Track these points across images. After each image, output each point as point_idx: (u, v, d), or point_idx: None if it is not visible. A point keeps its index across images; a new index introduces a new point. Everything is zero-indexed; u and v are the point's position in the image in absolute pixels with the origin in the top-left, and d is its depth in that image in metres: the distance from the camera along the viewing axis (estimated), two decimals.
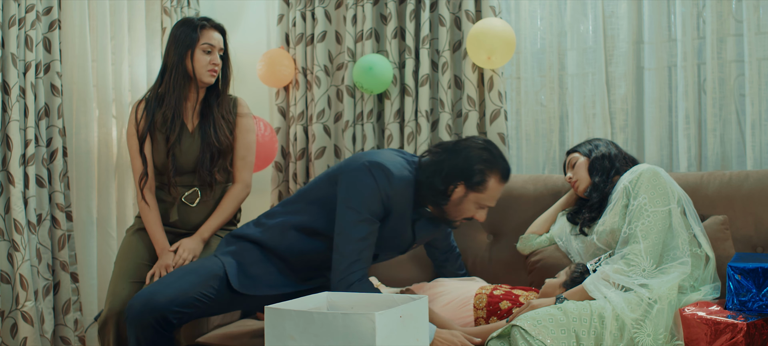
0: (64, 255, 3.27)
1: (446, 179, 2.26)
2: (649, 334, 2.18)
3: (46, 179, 3.24)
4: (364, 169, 2.29)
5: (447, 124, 3.39)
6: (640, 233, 2.32)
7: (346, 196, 2.30)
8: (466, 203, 2.29)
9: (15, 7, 3.10)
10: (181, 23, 2.78)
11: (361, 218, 2.26)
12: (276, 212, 2.58)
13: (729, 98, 3.06)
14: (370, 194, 2.26)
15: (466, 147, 2.30)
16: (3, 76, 3.10)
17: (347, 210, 2.28)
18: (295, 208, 2.51)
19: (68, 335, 3.29)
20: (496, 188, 2.28)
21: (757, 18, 2.96)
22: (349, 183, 2.30)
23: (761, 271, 2.09)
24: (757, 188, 2.66)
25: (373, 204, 2.27)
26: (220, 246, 2.60)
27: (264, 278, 2.48)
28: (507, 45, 3.21)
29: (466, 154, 2.27)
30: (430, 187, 2.28)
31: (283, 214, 2.53)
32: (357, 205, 2.26)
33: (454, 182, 2.26)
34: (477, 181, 2.25)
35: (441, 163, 2.29)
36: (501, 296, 2.53)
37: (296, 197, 2.55)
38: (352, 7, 3.57)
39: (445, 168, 2.28)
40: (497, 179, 2.28)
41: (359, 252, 2.26)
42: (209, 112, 2.78)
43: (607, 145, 2.66)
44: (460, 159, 2.27)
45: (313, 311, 1.71)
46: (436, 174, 2.29)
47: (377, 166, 2.28)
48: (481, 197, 2.27)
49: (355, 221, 2.26)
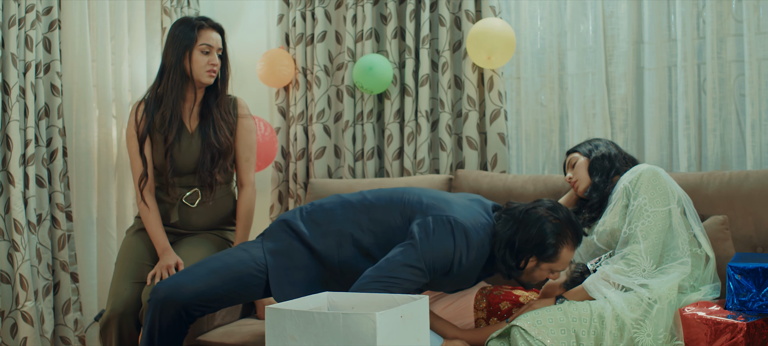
0: (64, 255, 3.27)
1: (519, 255, 2.24)
2: (649, 334, 2.18)
3: (46, 179, 3.24)
4: (447, 224, 2.21)
5: (447, 125, 3.39)
6: (640, 233, 2.32)
7: (418, 238, 2.20)
8: (539, 271, 2.27)
9: (15, 7, 3.09)
10: (179, 23, 2.77)
11: (418, 265, 2.19)
12: (334, 212, 2.43)
13: (729, 98, 3.06)
14: (442, 254, 2.20)
15: (538, 219, 2.24)
16: (3, 76, 3.10)
17: (411, 248, 2.19)
18: (357, 220, 2.39)
19: (68, 335, 3.29)
20: (568, 255, 2.26)
21: (757, 18, 2.96)
22: (426, 228, 2.21)
23: (761, 271, 2.09)
24: (757, 188, 2.66)
25: (439, 263, 2.21)
26: (269, 234, 2.49)
27: (304, 287, 2.38)
28: (507, 45, 3.21)
29: (539, 228, 2.22)
30: (503, 261, 2.26)
31: (344, 221, 2.40)
32: (423, 253, 2.19)
33: (527, 257, 2.24)
34: (550, 254, 2.22)
35: (513, 237, 2.25)
36: (501, 296, 2.53)
37: (360, 206, 2.41)
38: (352, 7, 3.57)
39: (518, 243, 2.24)
40: (569, 247, 2.25)
41: (395, 281, 2.17)
42: (208, 113, 2.77)
43: (607, 146, 2.66)
44: (533, 233, 2.22)
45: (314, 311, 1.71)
46: (508, 250, 2.25)
47: (461, 229, 2.21)
48: (554, 266, 2.26)
49: (412, 262, 2.18)
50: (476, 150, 3.36)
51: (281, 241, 2.45)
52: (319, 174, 3.67)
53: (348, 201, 2.46)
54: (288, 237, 2.45)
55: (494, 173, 3.18)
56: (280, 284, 2.38)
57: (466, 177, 3.17)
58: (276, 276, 2.38)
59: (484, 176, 3.15)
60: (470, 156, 3.36)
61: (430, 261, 2.19)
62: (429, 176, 3.29)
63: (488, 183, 3.10)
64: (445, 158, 3.41)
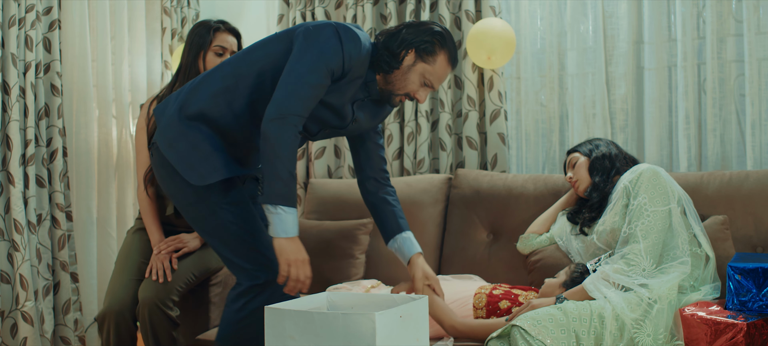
0: (64, 255, 3.27)
1: (401, 44, 2.25)
2: (649, 334, 2.18)
3: (46, 179, 3.24)
4: (330, 29, 2.17)
5: (447, 124, 3.40)
6: (640, 233, 2.32)
7: (304, 47, 2.14)
8: (413, 73, 2.27)
9: (15, 7, 3.10)
10: (198, 25, 2.83)
11: (316, 66, 2.12)
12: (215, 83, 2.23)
13: (729, 98, 3.06)
14: (333, 53, 2.14)
15: (425, 23, 2.31)
16: (3, 76, 3.10)
17: (305, 54, 2.13)
18: (240, 72, 2.22)
19: (68, 335, 3.29)
20: (444, 67, 2.28)
21: (757, 18, 2.96)
22: (310, 38, 2.16)
23: (761, 271, 2.09)
24: (757, 188, 2.66)
25: (333, 62, 2.15)
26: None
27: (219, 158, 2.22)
28: (507, 45, 3.21)
29: (424, 28, 2.27)
30: (385, 48, 2.26)
31: (228, 80, 2.22)
32: (316, 55, 2.13)
33: (407, 48, 2.26)
34: (429, 51, 2.25)
35: (399, 30, 2.28)
36: (500, 295, 2.53)
37: (236, 61, 2.25)
38: (352, 7, 3.57)
39: (401, 34, 2.27)
40: (447, 59, 2.28)
41: (304, 95, 2.10)
42: None
43: (607, 145, 2.66)
44: (420, 28, 2.27)
45: (313, 311, 1.71)
46: (392, 38, 2.27)
47: (345, 29, 2.18)
48: (428, 70, 2.26)
49: (310, 68, 2.12)
50: (476, 150, 3.37)
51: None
52: (319, 174, 3.67)
53: (220, 65, 2.30)
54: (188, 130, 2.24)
55: (494, 173, 3.18)
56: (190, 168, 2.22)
57: (466, 177, 3.18)
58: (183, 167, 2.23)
59: (484, 176, 3.15)
60: (470, 156, 3.37)
61: (324, 61, 2.13)
62: (429, 175, 3.29)
63: (488, 183, 3.11)
64: (445, 158, 3.41)
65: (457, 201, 3.14)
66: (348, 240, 3.11)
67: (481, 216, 3.07)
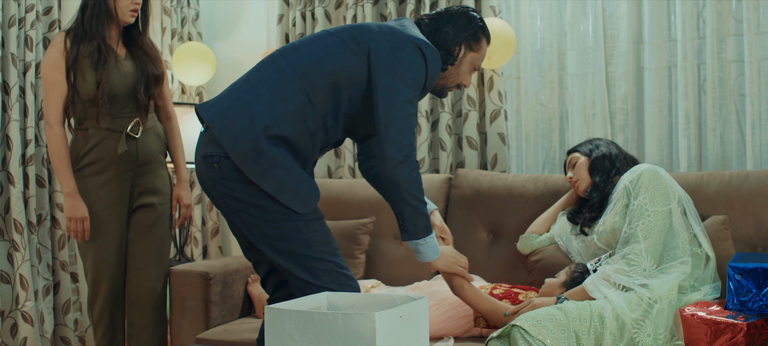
0: (64, 255, 3.27)
1: (452, 41, 2.30)
2: (649, 334, 2.18)
3: (46, 179, 3.24)
4: (412, 44, 2.17)
5: (447, 125, 3.40)
6: (640, 233, 2.33)
7: (394, 71, 2.14)
8: (464, 64, 2.34)
9: (15, 7, 3.10)
10: None
11: (414, 94, 2.17)
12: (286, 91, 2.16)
13: (729, 98, 3.06)
14: (420, 74, 2.18)
15: (456, 12, 2.34)
16: (3, 76, 3.10)
17: (400, 83, 2.13)
18: (312, 85, 2.15)
19: (68, 335, 3.29)
20: (486, 48, 2.38)
21: (757, 18, 2.96)
22: (397, 56, 2.15)
23: (761, 271, 2.09)
24: (757, 188, 2.66)
25: (421, 81, 2.19)
26: None
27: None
28: (507, 45, 3.21)
29: (463, 19, 2.31)
30: (440, 48, 2.30)
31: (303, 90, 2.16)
32: (409, 80, 2.15)
33: (458, 44, 2.31)
34: (475, 38, 2.32)
35: (439, 27, 2.31)
36: (500, 295, 2.54)
37: (310, 65, 2.17)
38: (352, 7, 3.57)
39: (444, 30, 2.31)
40: (486, 39, 2.36)
41: (412, 125, 2.16)
42: (134, 45, 2.81)
43: (607, 145, 2.66)
44: (454, 21, 2.31)
45: (313, 311, 1.71)
46: (439, 36, 2.31)
47: (426, 46, 2.20)
48: (476, 57, 2.34)
49: (409, 97, 2.14)
50: (476, 150, 3.37)
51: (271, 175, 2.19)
52: (318, 174, 3.66)
53: (284, 49, 2.26)
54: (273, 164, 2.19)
55: (494, 173, 3.18)
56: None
57: (466, 177, 3.18)
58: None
59: (484, 176, 3.15)
60: (470, 156, 3.37)
61: (417, 85, 2.18)
62: (429, 175, 3.29)
63: (488, 183, 3.11)
64: (445, 158, 3.41)
65: (457, 201, 3.14)
66: (348, 240, 3.11)
67: (481, 216, 3.07)
